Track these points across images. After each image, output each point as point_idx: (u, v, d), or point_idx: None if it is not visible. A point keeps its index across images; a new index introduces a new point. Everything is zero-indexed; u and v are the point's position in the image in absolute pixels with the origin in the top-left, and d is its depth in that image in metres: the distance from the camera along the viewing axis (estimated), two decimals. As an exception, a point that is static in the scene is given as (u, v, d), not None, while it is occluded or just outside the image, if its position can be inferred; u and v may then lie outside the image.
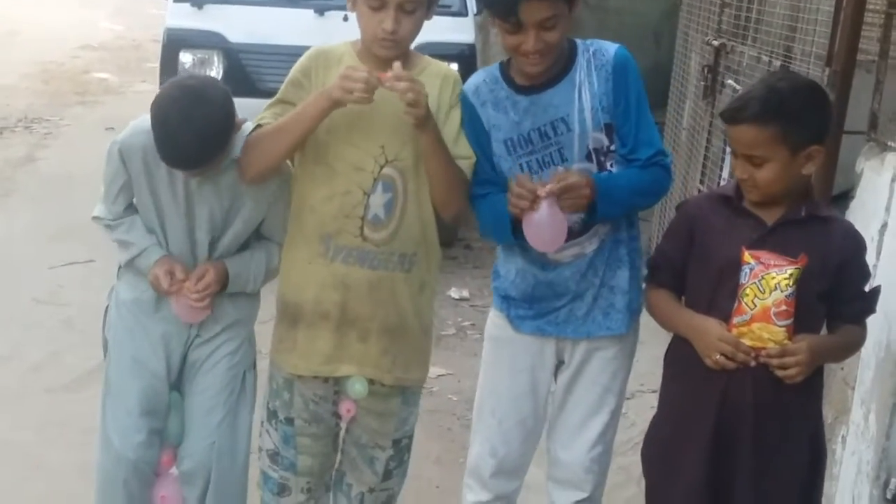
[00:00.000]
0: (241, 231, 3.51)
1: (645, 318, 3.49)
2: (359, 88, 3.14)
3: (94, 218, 3.56)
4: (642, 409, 5.15)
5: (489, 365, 3.64)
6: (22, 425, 5.11)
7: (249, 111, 3.47)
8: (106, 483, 3.55)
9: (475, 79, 3.47)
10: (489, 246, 6.61)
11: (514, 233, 3.33)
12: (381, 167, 3.31)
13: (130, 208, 3.51)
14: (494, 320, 3.62)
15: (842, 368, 4.07)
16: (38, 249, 7.50)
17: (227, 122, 3.28)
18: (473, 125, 3.40)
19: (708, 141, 6.29)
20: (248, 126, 3.38)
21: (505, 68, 3.42)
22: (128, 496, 3.52)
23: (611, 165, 3.38)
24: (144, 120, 3.35)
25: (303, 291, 3.41)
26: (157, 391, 3.53)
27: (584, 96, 3.35)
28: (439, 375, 5.59)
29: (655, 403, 3.47)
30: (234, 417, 3.55)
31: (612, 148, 3.38)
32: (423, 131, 3.24)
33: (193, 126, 3.20)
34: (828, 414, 4.00)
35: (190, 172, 3.35)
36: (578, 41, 3.39)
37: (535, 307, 3.49)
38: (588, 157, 3.37)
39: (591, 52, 3.37)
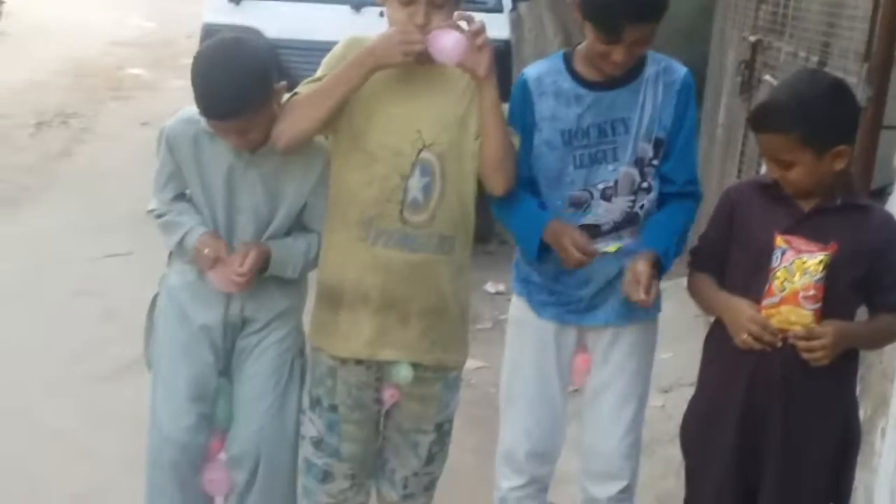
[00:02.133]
0: (284, 222, 3.53)
1: (681, 315, 3.51)
2: (417, 46, 3.21)
3: (149, 212, 3.61)
4: (680, 402, 5.12)
5: (514, 348, 3.69)
6: (65, 414, 5.18)
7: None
8: (155, 465, 3.59)
9: (536, 69, 3.49)
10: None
11: (538, 257, 3.45)
12: (419, 151, 3.35)
13: (180, 197, 3.56)
14: (516, 303, 3.67)
15: (881, 362, 4.08)
16: (78, 242, 7.57)
17: (265, 71, 3.34)
18: (524, 114, 3.45)
19: (745, 136, 6.28)
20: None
21: (569, 60, 3.45)
22: (177, 478, 3.56)
23: (651, 179, 3.45)
24: (189, 109, 3.42)
25: (343, 273, 3.43)
26: (205, 377, 3.58)
27: (646, 104, 3.41)
28: (477, 368, 5.62)
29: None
30: (281, 403, 3.58)
31: (655, 162, 3.45)
32: (485, 83, 3.29)
33: (231, 73, 3.26)
34: (867, 406, 4.01)
35: (231, 125, 3.33)
36: (648, 52, 3.42)
37: (556, 295, 3.55)
38: (635, 163, 3.44)
39: (661, 67, 3.44)
